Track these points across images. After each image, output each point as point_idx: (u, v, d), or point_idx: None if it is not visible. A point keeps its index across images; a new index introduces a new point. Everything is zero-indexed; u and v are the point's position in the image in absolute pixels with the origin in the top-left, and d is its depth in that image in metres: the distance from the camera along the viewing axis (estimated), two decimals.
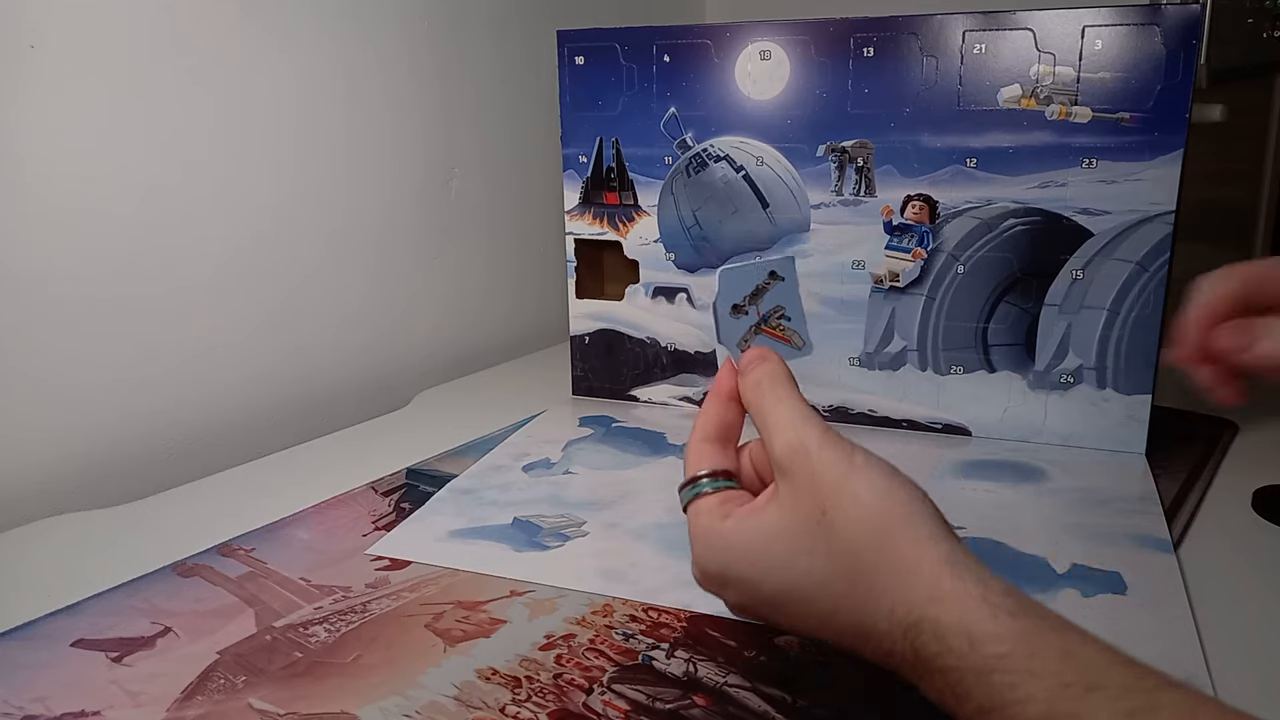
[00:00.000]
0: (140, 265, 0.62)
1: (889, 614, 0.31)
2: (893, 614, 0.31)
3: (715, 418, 0.40)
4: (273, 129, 0.69)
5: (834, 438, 0.35)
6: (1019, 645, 0.29)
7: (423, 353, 0.85)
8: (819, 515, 0.33)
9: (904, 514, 0.32)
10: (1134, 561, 0.47)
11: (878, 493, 0.33)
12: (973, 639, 0.29)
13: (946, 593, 0.30)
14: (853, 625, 0.33)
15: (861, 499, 0.33)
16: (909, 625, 0.31)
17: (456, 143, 0.84)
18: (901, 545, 0.32)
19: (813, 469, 0.34)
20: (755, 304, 0.41)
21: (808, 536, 0.33)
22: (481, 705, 0.37)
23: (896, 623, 0.31)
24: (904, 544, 0.32)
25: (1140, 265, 0.58)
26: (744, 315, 0.41)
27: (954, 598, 0.30)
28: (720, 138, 0.66)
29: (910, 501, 0.33)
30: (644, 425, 0.68)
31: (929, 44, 0.60)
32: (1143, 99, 0.57)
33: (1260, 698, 0.37)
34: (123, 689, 0.38)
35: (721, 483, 0.38)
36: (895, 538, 0.32)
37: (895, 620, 0.31)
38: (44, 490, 0.59)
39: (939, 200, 0.62)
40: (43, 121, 0.57)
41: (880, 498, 0.33)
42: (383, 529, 0.52)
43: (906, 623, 0.31)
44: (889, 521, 0.32)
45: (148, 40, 0.61)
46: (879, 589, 0.32)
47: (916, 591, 0.31)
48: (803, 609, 0.34)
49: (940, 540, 0.32)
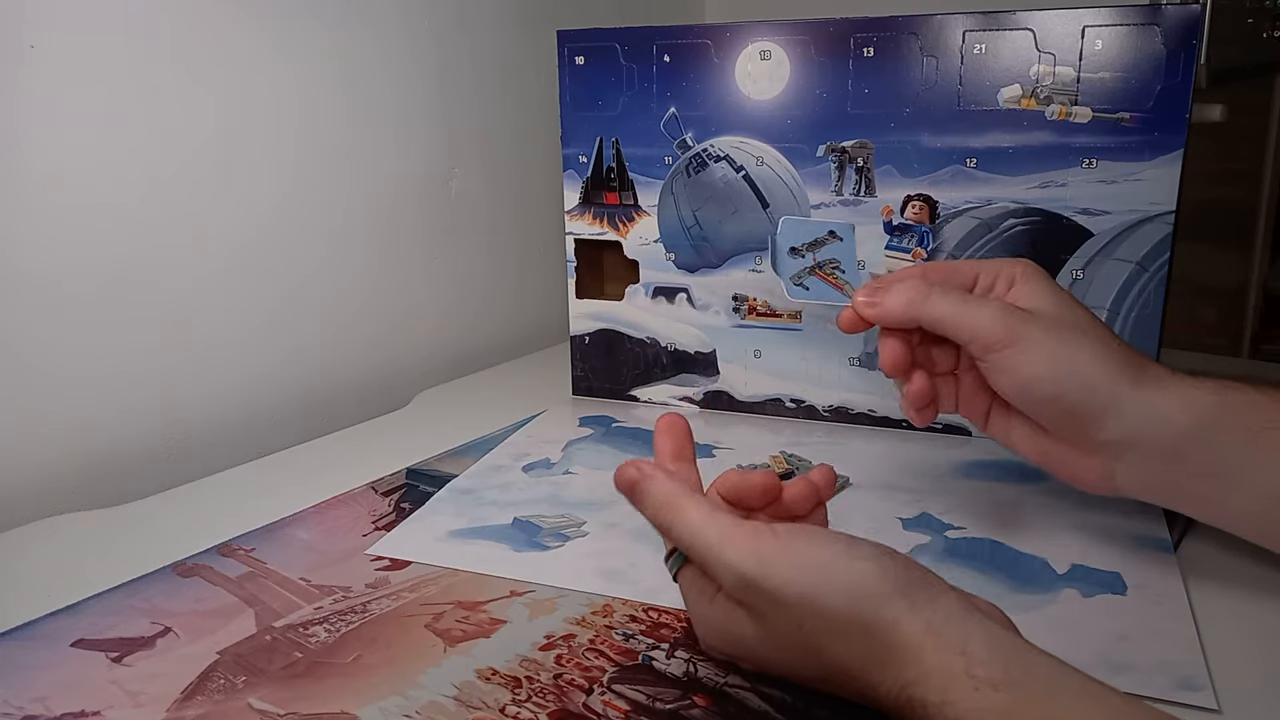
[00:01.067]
0: (140, 265, 0.62)
1: (885, 693, 0.32)
2: (889, 693, 0.32)
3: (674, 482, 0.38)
4: (273, 128, 0.69)
5: (772, 546, 0.34)
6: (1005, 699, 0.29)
7: (423, 353, 0.85)
8: (796, 630, 0.34)
9: (874, 604, 0.32)
10: (1134, 561, 0.47)
11: (844, 593, 0.33)
12: (958, 714, 0.30)
13: (930, 669, 0.31)
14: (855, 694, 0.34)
15: (831, 608, 0.32)
16: (903, 703, 0.31)
17: (457, 143, 0.84)
18: (880, 634, 0.32)
19: (771, 596, 0.33)
20: (813, 251, 0.42)
21: (795, 650, 0.34)
22: (481, 705, 0.37)
23: (893, 699, 0.32)
24: (882, 632, 0.32)
25: (1140, 265, 0.58)
26: (801, 257, 0.42)
27: (937, 674, 0.31)
28: (720, 138, 0.66)
29: (880, 582, 0.32)
30: (644, 425, 0.68)
31: (929, 44, 0.60)
32: (1143, 99, 0.57)
33: (1260, 698, 0.37)
34: (123, 689, 0.38)
35: None
36: (874, 630, 0.32)
37: (891, 697, 0.32)
38: (44, 490, 0.59)
39: (939, 200, 0.62)
40: (43, 121, 0.57)
41: (848, 598, 0.32)
42: (383, 529, 0.52)
43: (900, 700, 0.31)
44: (863, 618, 0.32)
45: (148, 40, 0.61)
46: (873, 679, 0.32)
47: (905, 671, 0.31)
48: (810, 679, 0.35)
49: (918, 610, 0.32)
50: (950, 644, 0.31)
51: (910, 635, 0.31)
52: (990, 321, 0.40)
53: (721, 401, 0.70)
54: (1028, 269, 0.44)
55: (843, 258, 0.43)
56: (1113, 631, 0.41)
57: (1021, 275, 0.44)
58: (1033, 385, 0.40)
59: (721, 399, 0.70)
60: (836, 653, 0.33)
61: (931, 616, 0.32)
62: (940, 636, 0.31)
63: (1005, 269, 0.44)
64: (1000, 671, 0.30)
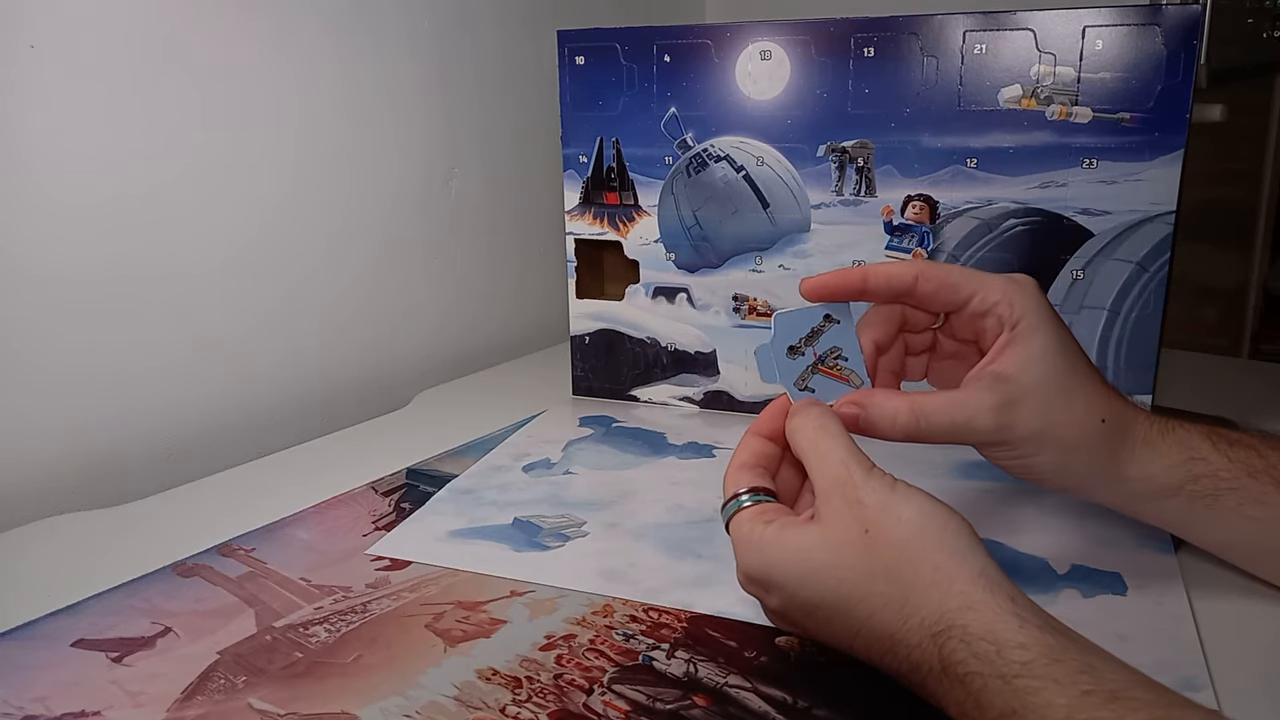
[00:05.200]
0: (139, 265, 0.62)
1: (920, 624, 0.33)
2: (924, 624, 0.33)
3: (754, 449, 0.42)
4: (272, 128, 0.69)
5: (879, 470, 0.37)
6: (1043, 654, 0.30)
7: (423, 353, 0.85)
8: (860, 533, 0.35)
9: (940, 530, 0.35)
10: (1134, 561, 0.47)
11: (918, 512, 0.35)
12: (999, 645, 0.31)
13: (978, 602, 0.32)
14: (883, 635, 0.34)
15: (902, 518, 0.35)
16: (939, 632, 0.32)
17: (457, 143, 0.84)
18: (938, 559, 0.34)
19: (857, 494, 0.36)
20: (811, 345, 0.42)
21: (848, 551, 0.35)
22: (481, 705, 0.37)
23: (927, 631, 0.33)
24: (940, 558, 0.34)
25: (1140, 265, 0.58)
26: (800, 356, 0.42)
27: (985, 606, 0.32)
28: (720, 138, 0.66)
29: (948, 521, 0.35)
30: (644, 425, 0.68)
31: (929, 44, 0.60)
32: (1143, 99, 0.57)
33: (1260, 698, 0.37)
34: (123, 689, 0.38)
35: (761, 497, 0.40)
36: (932, 552, 0.34)
37: (926, 629, 0.33)
38: (44, 490, 0.59)
39: (939, 200, 0.62)
40: (43, 121, 0.57)
41: (919, 515, 0.35)
42: (383, 529, 0.52)
43: (937, 630, 0.32)
44: (927, 537, 0.34)
45: (147, 40, 0.61)
46: (914, 601, 0.33)
47: (950, 600, 0.33)
48: (836, 617, 0.36)
49: (975, 555, 0.34)
50: (1000, 589, 0.33)
51: (966, 571, 0.33)
52: (985, 427, 0.40)
53: (721, 401, 0.70)
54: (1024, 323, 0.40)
55: (843, 343, 0.42)
56: (1113, 631, 0.41)
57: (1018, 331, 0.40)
58: (1029, 469, 0.41)
59: (721, 399, 0.70)
60: (886, 569, 0.34)
61: (986, 566, 0.34)
62: (991, 581, 0.33)
63: (1001, 308, 0.41)
64: (1044, 620, 0.32)
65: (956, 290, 0.41)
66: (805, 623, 0.38)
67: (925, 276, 0.41)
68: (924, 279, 0.41)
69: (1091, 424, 0.40)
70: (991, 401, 0.39)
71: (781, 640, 0.41)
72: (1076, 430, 0.40)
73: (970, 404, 0.40)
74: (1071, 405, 0.40)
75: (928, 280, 0.41)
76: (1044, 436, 0.40)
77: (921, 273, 0.41)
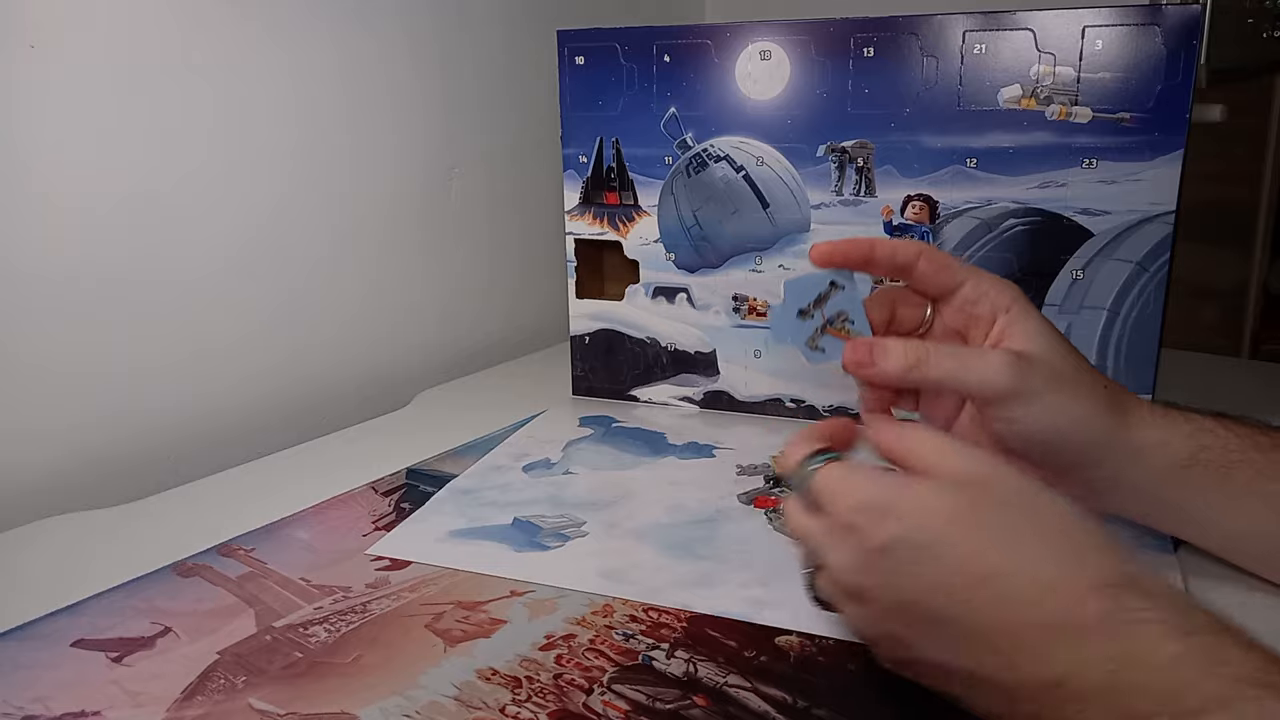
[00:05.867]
0: (139, 265, 0.62)
1: (1090, 568, 0.32)
2: (1095, 569, 0.32)
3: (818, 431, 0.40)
4: (273, 128, 0.69)
5: None
6: (1216, 620, 0.31)
7: (423, 353, 0.85)
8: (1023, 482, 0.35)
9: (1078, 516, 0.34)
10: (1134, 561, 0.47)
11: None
12: (1178, 601, 0.31)
13: (1137, 574, 0.32)
14: (1030, 583, 0.32)
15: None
16: (1115, 579, 0.31)
17: (457, 142, 0.84)
18: (1087, 532, 0.33)
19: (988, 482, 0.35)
20: (820, 309, 0.43)
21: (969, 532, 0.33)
22: (481, 705, 0.37)
23: (1101, 576, 0.31)
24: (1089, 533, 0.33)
25: (1140, 265, 0.58)
26: (810, 319, 0.43)
27: (1149, 571, 0.32)
28: (720, 138, 0.66)
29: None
30: (644, 425, 0.68)
31: (929, 44, 0.60)
32: (1143, 99, 0.57)
33: None
34: (123, 689, 0.38)
35: (843, 454, 0.38)
36: (1079, 523, 0.33)
37: (1100, 574, 0.31)
38: (44, 490, 0.59)
39: (939, 200, 0.62)
40: (43, 121, 0.57)
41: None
42: (383, 529, 0.52)
43: (1113, 576, 0.31)
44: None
45: (147, 40, 0.61)
46: (1082, 546, 0.32)
47: (1116, 554, 0.32)
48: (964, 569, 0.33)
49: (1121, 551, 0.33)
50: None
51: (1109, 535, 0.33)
52: (995, 375, 0.40)
53: (721, 401, 0.70)
54: (1017, 306, 0.42)
55: (849, 308, 0.44)
56: None
57: (1014, 313, 0.42)
58: (1035, 435, 0.41)
59: (721, 399, 0.70)
60: (1054, 511, 0.34)
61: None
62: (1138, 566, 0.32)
63: (993, 294, 0.42)
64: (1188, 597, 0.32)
65: (954, 274, 0.43)
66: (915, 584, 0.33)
67: (929, 256, 0.43)
68: (927, 258, 0.43)
69: (1097, 389, 0.41)
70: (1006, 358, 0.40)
71: (781, 640, 0.41)
72: (1086, 392, 0.41)
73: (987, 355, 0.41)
74: (1078, 372, 0.41)
75: (930, 260, 0.43)
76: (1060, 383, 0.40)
77: (925, 252, 0.43)
